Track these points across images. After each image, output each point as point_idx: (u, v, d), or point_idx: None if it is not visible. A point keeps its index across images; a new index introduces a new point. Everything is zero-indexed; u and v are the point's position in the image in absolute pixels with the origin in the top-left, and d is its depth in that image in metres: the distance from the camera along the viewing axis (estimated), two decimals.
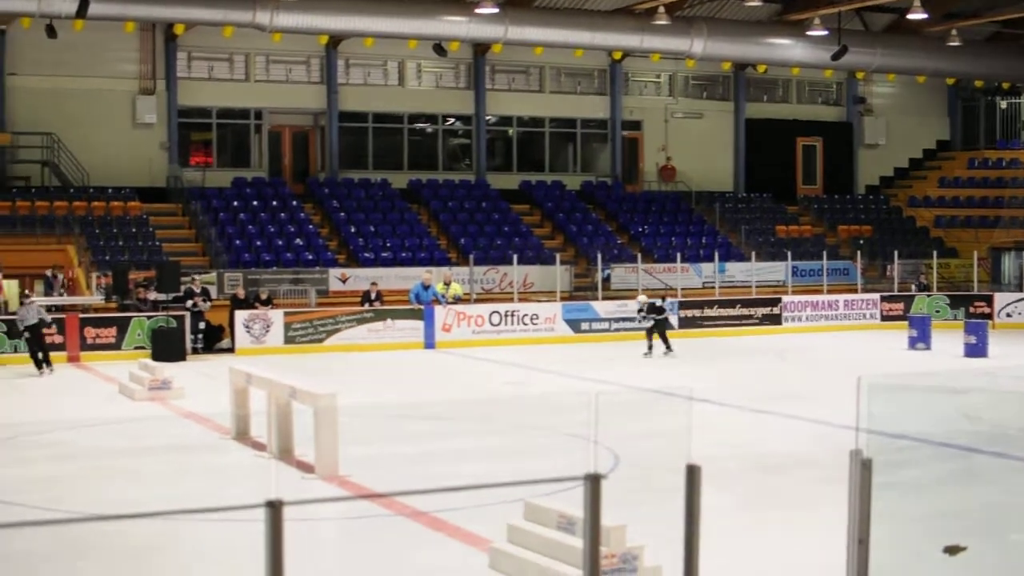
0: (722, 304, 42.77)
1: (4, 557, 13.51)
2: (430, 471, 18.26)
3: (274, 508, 6.58)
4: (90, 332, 35.04)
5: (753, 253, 46.12)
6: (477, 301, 40.29)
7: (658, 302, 35.88)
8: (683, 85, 55.28)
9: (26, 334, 31.87)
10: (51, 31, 41.75)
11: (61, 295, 37.82)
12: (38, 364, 31.64)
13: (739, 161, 55.86)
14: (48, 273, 38.52)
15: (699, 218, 52.11)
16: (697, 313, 42.05)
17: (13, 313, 33.79)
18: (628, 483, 16.53)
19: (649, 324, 35.36)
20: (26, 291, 35.26)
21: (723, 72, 55.02)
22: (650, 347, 35.06)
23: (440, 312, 38.32)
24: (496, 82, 51.98)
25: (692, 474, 7.93)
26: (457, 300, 39.15)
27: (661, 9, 44.19)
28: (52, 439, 21.93)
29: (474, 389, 28.97)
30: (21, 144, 44.59)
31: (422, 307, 38.28)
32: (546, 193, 51.03)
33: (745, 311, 42.83)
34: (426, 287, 38.73)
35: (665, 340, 35.29)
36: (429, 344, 37.93)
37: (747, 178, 55.83)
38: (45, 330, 32.42)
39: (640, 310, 35.89)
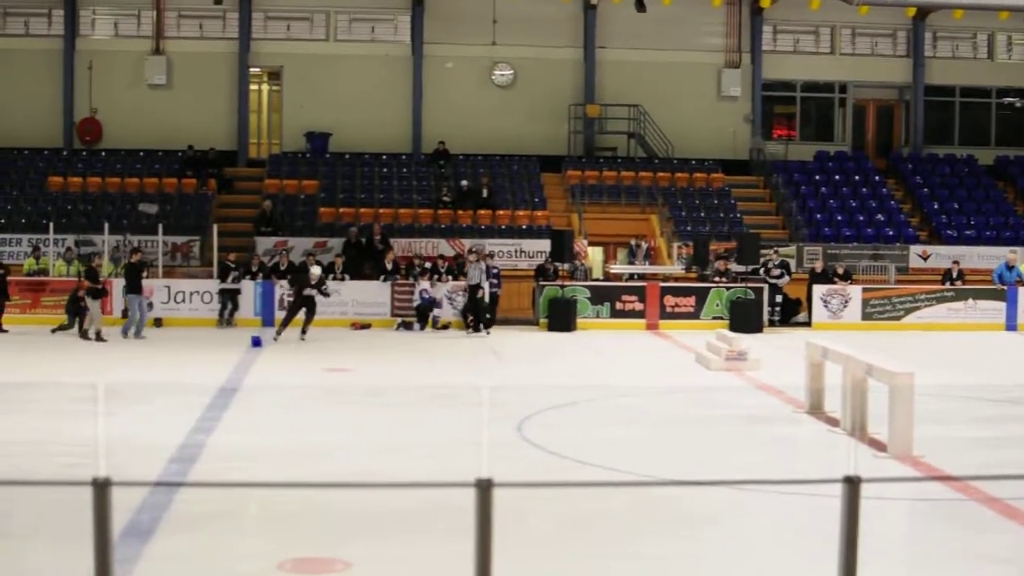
0: None
1: (575, 513, 14.00)
2: (1005, 456, 17.75)
3: (852, 484, 6.58)
4: (669, 301, 35.79)
5: None
6: None
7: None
8: None
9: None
10: (640, 5, 42.84)
11: (644, 264, 38.76)
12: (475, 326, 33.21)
13: None
14: (632, 242, 39.54)
15: None
16: None
17: (597, 279, 34.97)
18: None
19: None
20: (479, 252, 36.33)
21: None
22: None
23: (1023, 294, 37.10)
24: None
25: None
26: None
27: None
28: (629, 404, 22.55)
29: None
30: (609, 116, 45.93)
31: (1005, 288, 37.18)
32: None
33: None
34: (1010, 267, 37.59)
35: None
36: (1011, 326, 36.81)
37: None
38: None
39: None
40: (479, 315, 33.74)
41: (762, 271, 36.45)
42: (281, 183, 42.29)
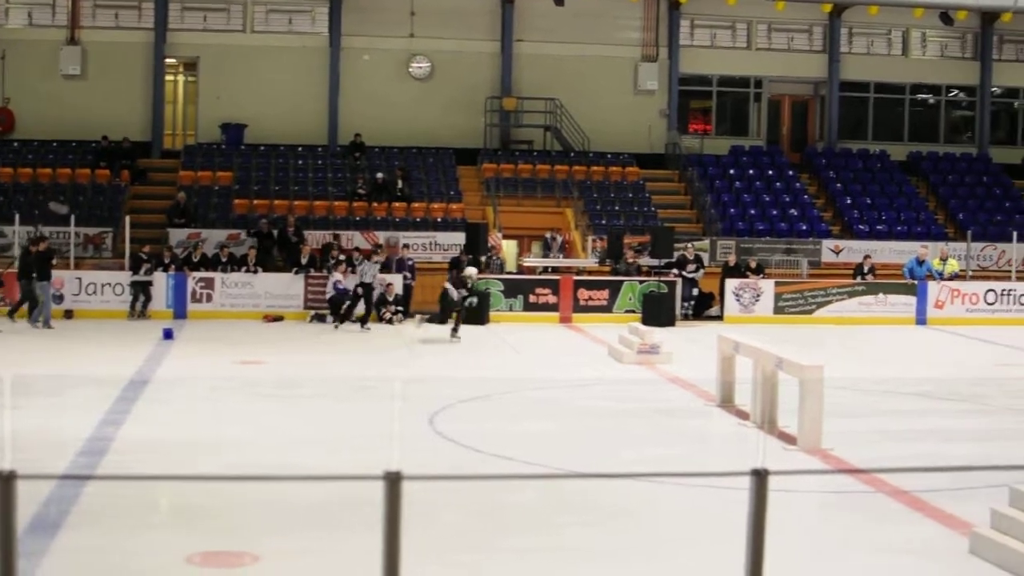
0: None
1: (488, 508, 14.04)
2: (914, 449, 17.96)
3: (760, 477, 6.62)
4: (583, 294, 35.90)
5: None
6: (973, 278, 39.23)
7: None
8: None
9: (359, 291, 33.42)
10: None
11: (558, 257, 38.84)
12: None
13: None
14: (548, 235, 39.60)
15: None
16: None
17: (510, 272, 35.00)
18: None
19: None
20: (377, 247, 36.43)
21: None
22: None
23: (934, 288, 37.49)
24: (1004, 52, 50.32)
25: None
26: (953, 277, 38.22)
27: None
28: (542, 396, 22.61)
29: (964, 368, 28.24)
30: (526, 109, 45.97)
31: (916, 282, 37.56)
32: None
33: None
34: (921, 262, 37.97)
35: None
36: (920, 320, 37.19)
37: None
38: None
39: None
40: (366, 312, 33.47)
41: (676, 268, 36.62)
42: (195, 174, 41.98)
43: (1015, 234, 40.79)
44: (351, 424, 18.92)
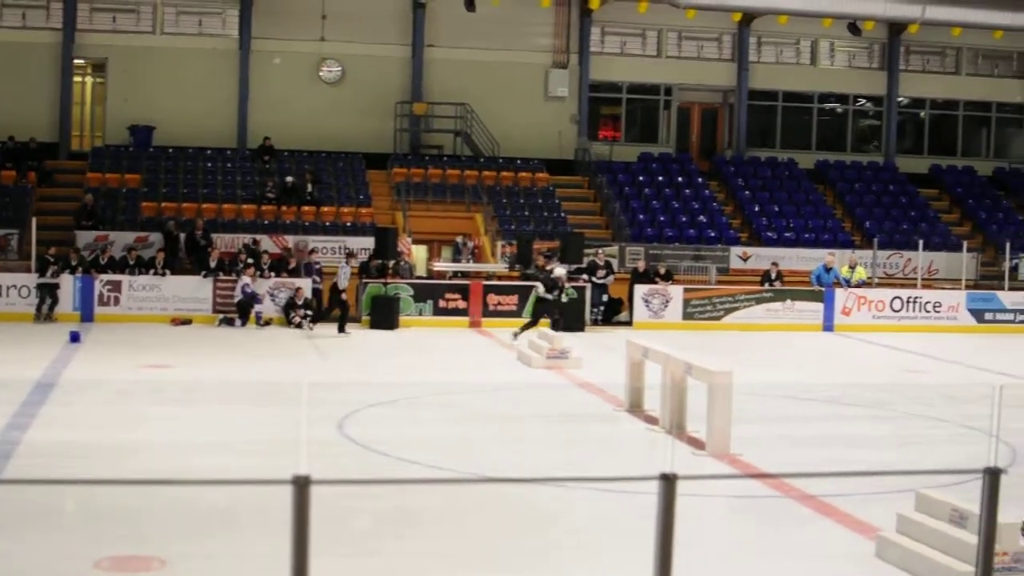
0: None
1: (397, 512, 14.02)
2: (821, 455, 18.10)
3: (668, 481, 6.65)
4: (492, 299, 35.91)
5: None
6: (879, 286, 39.60)
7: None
8: None
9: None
10: (469, 4, 43.01)
11: (468, 262, 38.83)
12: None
13: None
14: (458, 240, 39.56)
15: None
16: None
17: (420, 276, 35.03)
18: None
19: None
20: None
21: None
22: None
23: (841, 295, 37.82)
24: (910, 63, 50.91)
25: None
26: (861, 284, 38.58)
27: None
28: (451, 401, 22.59)
29: (871, 374, 28.52)
30: (436, 114, 45.93)
31: (823, 289, 37.87)
32: (956, 178, 49.72)
33: None
34: (828, 269, 38.29)
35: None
36: (828, 327, 37.50)
37: None
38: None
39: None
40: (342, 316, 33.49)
41: (586, 273, 36.72)
42: (103, 176, 41.55)
43: (921, 242, 41.25)
44: (259, 429, 18.81)
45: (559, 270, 32.92)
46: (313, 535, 6.33)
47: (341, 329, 32.96)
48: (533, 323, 32.00)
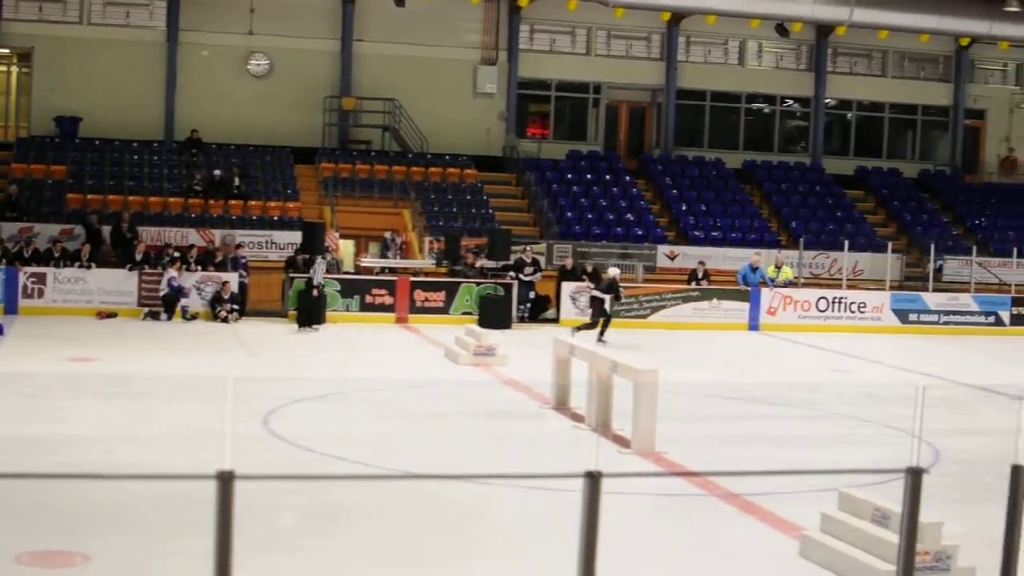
0: None
1: (322, 508, 13.98)
2: (746, 453, 18.19)
3: (593, 479, 6.66)
4: (420, 295, 35.85)
5: None
6: (805, 286, 39.84)
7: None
8: None
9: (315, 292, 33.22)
10: (399, 0, 42.82)
11: (396, 258, 38.75)
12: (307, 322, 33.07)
13: None
14: (387, 235, 39.44)
15: None
16: None
17: (347, 272, 34.99)
18: (947, 480, 16.19)
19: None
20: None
21: None
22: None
23: (766, 295, 38.02)
24: (838, 65, 51.25)
25: (1017, 475, 7.76)
26: (787, 284, 38.80)
27: None
28: (378, 397, 22.55)
29: (796, 374, 28.71)
30: (365, 109, 45.80)
31: (749, 289, 38.05)
32: (882, 180, 50.14)
33: None
34: (754, 269, 38.47)
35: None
36: (753, 326, 37.69)
37: None
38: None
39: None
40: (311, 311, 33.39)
41: (512, 271, 36.72)
42: (28, 167, 41.16)
43: (847, 243, 41.53)
44: (184, 423, 18.70)
45: (612, 270, 33.07)
46: (237, 531, 6.30)
47: (310, 324, 32.87)
48: (593, 324, 32.04)
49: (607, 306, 32.22)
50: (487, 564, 12.52)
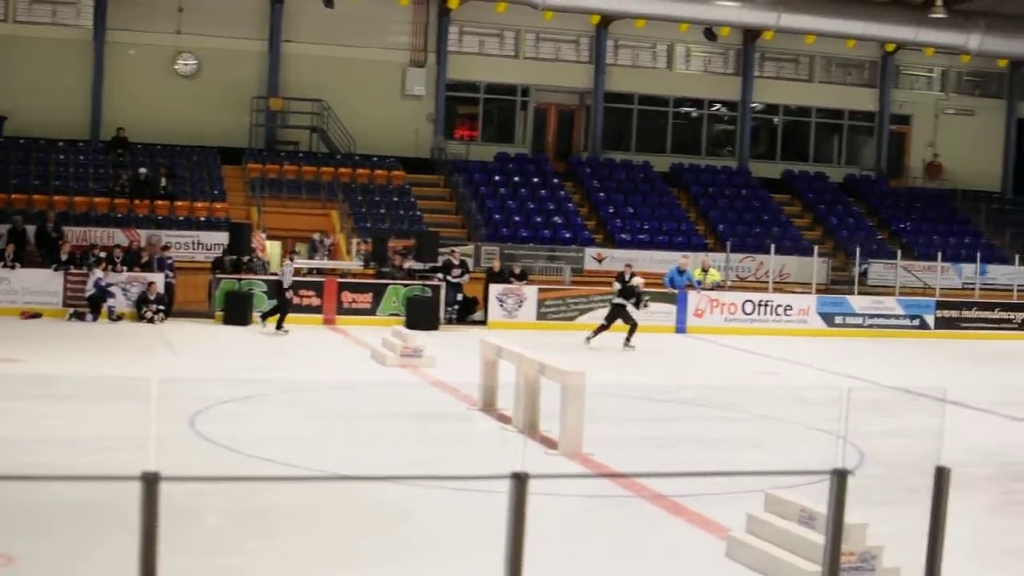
0: (981, 306, 41.82)
1: (249, 510, 13.91)
2: (673, 455, 18.25)
3: (520, 480, 6.66)
4: (347, 296, 35.81)
5: (1017, 256, 44.84)
6: (731, 289, 40.05)
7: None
8: (956, 81, 54.08)
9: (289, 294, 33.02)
10: (328, 1, 42.73)
11: (324, 259, 38.66)
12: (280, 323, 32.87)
13: (1009, 162, 54.41)
14: (315, 237, 39.32)
15: (963, 217, 50.99)
16: (955, 314, 41.21)
17: (274, 273, 34.90)
18: (872, 481, 16.29)
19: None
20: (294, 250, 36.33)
21: (998, 69, 53.46)
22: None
23: (693, 297, 38.19)
24: (765, 69, 51.56)
25: (940, 477, 7.82)
26: (714, 287, 38.98)
27: (939, 2, 43.42)
28: (305, 399, 22.47)
29: (723, 376, 28.82)
30: (292, 110, 45.64)
31: (676, 291, 38.19)
32: (808, 184, 50.50)
33: (1005, 315, 41.83)
34: (681, 272, 38.63)
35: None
36: (680, 329, 37.84)
37: (1016, 179, 54.38)
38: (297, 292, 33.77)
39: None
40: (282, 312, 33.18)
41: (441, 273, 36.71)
42: None
43: (773, 246, 41.81)
44: (109, 424, 18.54)
45: (636, 279, 33.33)
46: (162, 533, 6.26)
47: (279, 326, 32.72)
48: (605, 327, 32.47)
49: (630, 311, 32.47)
50: (415, 566, 12.50)
